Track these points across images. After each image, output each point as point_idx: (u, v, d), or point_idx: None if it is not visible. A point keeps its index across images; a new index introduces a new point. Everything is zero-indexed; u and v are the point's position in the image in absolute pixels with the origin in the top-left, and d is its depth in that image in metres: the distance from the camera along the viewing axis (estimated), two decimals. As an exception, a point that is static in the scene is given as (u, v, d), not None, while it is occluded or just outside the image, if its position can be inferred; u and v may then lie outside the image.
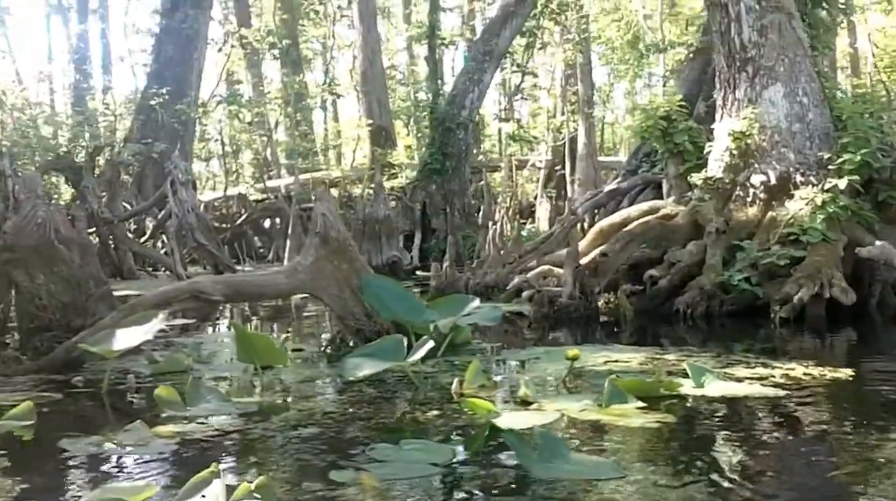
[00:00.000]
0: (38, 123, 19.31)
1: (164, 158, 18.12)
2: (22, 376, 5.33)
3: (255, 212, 20.82)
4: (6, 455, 3.58)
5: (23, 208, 6.09)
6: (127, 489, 2.85)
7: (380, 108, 32.44)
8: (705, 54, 12.25)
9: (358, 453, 3.41)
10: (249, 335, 4.83)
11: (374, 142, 30.76)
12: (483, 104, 23.74)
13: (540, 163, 33.76)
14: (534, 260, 9.60)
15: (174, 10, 21.84)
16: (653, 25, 27.75)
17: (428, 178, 18.33)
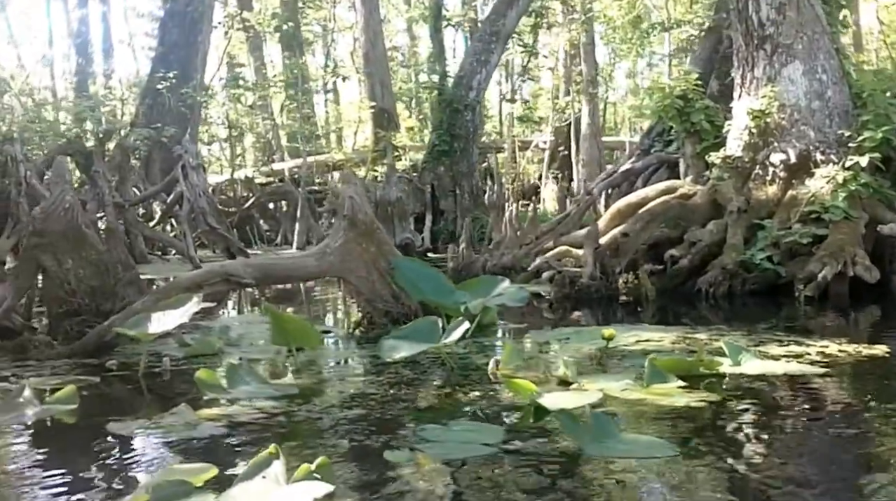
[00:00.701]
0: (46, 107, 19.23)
1: (172, 143, 18.11)
2: (55, 360, 5.36)
3: (263, 196, 20.79)
4: (57, 439, 3.62)
5: (51, 193, 6.09)
6: (188, 470, 2.87)
7: (382, 90, 32.28)
8: (717, 33, 12.22)
9: (407, 434, 3.44)
10: (284, 317, 4.84)
11: (377, 124, 30.66)
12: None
13: (543, 144, 33.75)
14: (550, 241, 9.61)
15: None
16: (658, 3, 27.59)
17: (436, 160, 18.31)
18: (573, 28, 25.28)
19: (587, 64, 28.13)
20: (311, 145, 34.13)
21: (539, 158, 33.69)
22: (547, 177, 28.15)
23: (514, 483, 2.84)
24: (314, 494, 2.69)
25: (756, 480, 2.82)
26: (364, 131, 34.00)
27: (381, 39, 34.06)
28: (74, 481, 3.01)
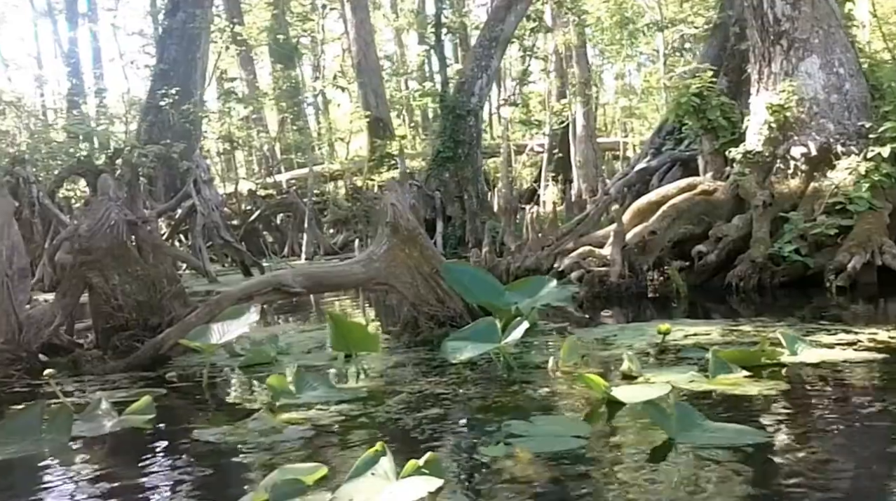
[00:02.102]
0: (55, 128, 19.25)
1: (177, 159, 18.17)
2: (111, 374, 5.43)
3: (268, 208, 20.84)
4: (151, 448, 3.68)
5: (95, 210, 6.16)
6: (300, 469, 2.95)
7: (376, 99, 32.51)
8: (723, 30, 12.40)
9: (493, 429, 3.51)
10: (346, 323, 4.92)
11: (373, 133, 30.83)
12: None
13: (539, 147, 33.91)
14: (570, 242, 9.71)
15: (176, 11, 21.80)
16: (650, 3, 27.83)
17: (441, 166, 18.39)
18: (566, 31, 25.48)
19: (580, 66, 28.35)
20: (306, 157, 34.27)
21: (532, 161, 33.91)
22: (547, 179, 28.31)
23: (617, 471, 2.93)
24: (426, 489, 2.78)
25: (852, 461, 2.92)
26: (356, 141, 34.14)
27: (374, 49, 34.26)
28: (186, 486, 3.09)
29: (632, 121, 41.83)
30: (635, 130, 41.14)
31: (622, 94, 37.12)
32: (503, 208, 13.75)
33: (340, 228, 23.54)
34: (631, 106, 37.49)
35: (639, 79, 39.61)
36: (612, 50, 33.12)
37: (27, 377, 5.39)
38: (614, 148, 34.07)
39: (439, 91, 20.54)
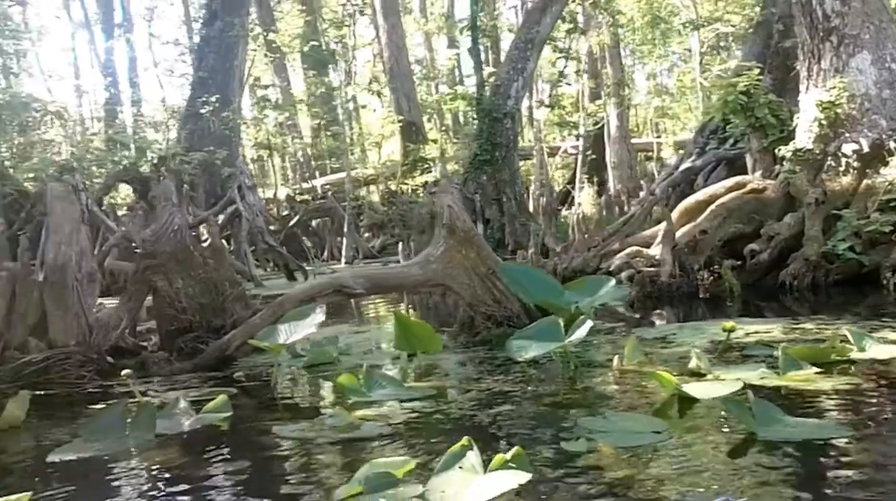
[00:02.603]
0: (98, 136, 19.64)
1: (218, 166, 18.42)
2: (178, 375, 5.55)
3: (307, 213, 21.03)
4: (232, 445, 3.77)
5: (159, 216, 6.31)
6: (390, 463, 3.02)
7: (408, 103, 32.67)
8: (766, 28, 12.33)
9: (570, 426, 3.56)
10: (411, 323, 5.00)
11: (406, 138, 30.99)
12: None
13: (573, 149, 33.85)
14: (616, 243, 9.72)
15: (213, 20, 22.06)
16: (685, 1, 27.69)
17: (478, 169, 18.44)
18: (599, 32, 25.45)
19: (613, 67, 28.28)
20: (340, 162, 34.53)
21: (563, 163, 33.84)
22: (583, 181, 28.25)
23: (702, 464, 2.97)
24: (516, 481, 2.83)
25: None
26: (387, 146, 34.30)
27: (405, 54, 34.44)
28: (276, 479, 3.17)
29: (664, 121, 41.69)
30: (668, 130, 40.98)
31: (655, 94, 37.01)
32: (543, 209, 13.76)
33: (377, 232, 23.69)
34: (664, 106, 37.35)
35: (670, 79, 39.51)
36: (643, 50, 33.05)
37: (98, 378, 5.53)
38: (647, 149, 33.91)
39: (475, 94, 20.60)
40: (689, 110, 38.32)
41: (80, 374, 5.48)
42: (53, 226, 5.81)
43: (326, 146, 32.92)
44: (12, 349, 5.63)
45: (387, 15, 32.65)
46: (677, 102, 36.81)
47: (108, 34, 36.04)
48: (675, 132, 39.68)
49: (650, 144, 34.66)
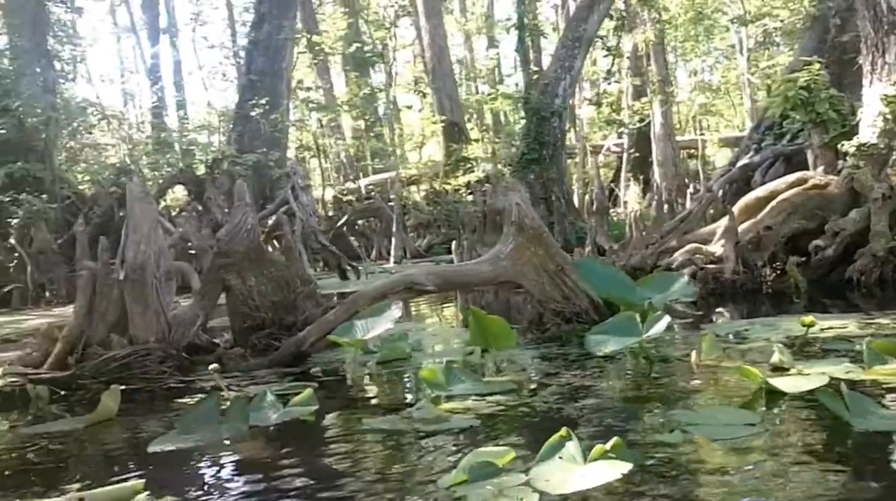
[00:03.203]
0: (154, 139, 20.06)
1: (267, 167, 18.70)
2: (255, 370, 5.67)
3: (354, 213, 21.23)
4: (324, 436, 3.87)
5: (233, 215, 6.46)
6: (491, 452, 3.08)
7: (451, 103, 32.77)
8: (823, 22, 12.18)
9: (660, 419, 3.59)
10: (487, 318, 5.06)
11: (448, 138, 31.10)
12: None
13: (616, 147, 33.66)
14: (674, 240, 9.68)
15: (262, 23, 22.39)
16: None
17: (525, 168, 18.44)
18: (646, 29, 25.28)
19: (657, 64, 28.08)
20: (384, 162, 34.76)
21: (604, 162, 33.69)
22: (629, 179, 28.13)
23: (801, 455, 2.98)
24: (618, 471, 2.88)
25: None
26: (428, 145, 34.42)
27: (447, 54, 34.57)
28: (375, 470, 3.25)
29: (707, 118, 41.28)
30: (711, 127, 40.57)
31: (699, 90, 36.68)
32: (595, 208, 13.74)
33: (423, 231, 23.84)
34: (707, 103, 36.99)
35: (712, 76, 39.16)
36: (686, 47, 32.75)
37: (177, 373, 5.68)
38: (691, 146, 33.64)
39: (521, 93, 20.62)
40: (731, 107, 37.95)
41: (160, 370, 5.63)
42: (133, 226, 5.98)
43: (370, 147, 33.19)
44: (94, 346, 5.80)
45: (429, 16, 32.81)
46: (720, 99, 36.45)
47: (153, 39, 36.77)
48: (717, 129, 39.32)
49: (694, 142, 34.37)
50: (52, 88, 17.23)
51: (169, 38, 38.05)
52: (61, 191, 16.87)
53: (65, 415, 4.89)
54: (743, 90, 34.92)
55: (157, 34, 37.37)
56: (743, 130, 34.67)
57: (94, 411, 4.48)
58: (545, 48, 31.13)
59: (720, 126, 40.51)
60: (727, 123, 40.40)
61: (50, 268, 15.03)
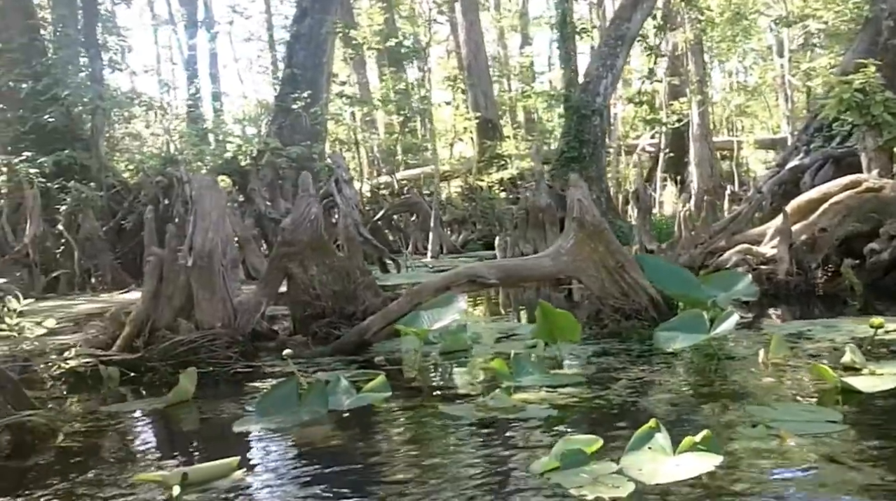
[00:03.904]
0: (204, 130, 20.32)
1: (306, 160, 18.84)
2: (318, 358, 5.77)
3: (392, 208, 21.33)
4: (403, 421, 3.95)
5: (297, 206, 6.57)
6: (580, 441, 3.14)
7: (485, 100, 32.79)
8: (875, 24, 12.06)
9: (738, 414, 3.63)
10: (555, 312, 5.11)
11: (482, 134, 31.13)
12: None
13: (651, 147, 33.48)
14: (722, 240, 9.66)
15: (303, 17, 22.56)
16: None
17: (565, 166, 18.43)
18: (685, 29, 25.14)
19: (696, 64, 27.92)
20: (417, 157, 34.86)
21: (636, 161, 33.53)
22: (664, 180, 27.99)
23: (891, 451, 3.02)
24: (710, 463, 2.93)
25: None
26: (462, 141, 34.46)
27: (483, 51, 34.57)
28: (462, 453, 3.32)
29: (741, 120, 40.95)
30: (745, 128, 40.25)
31: (736, 91, 36.41)
32: (639, 207, 13.71)
33: (457, 227, 23.88)
34: (742, 104, 36.71)
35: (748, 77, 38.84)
36: (722, 47, 32.48)
37: (242, 359, 5.79)
38: (725, 147, 33.42)
39: (562, 91, 20.61)
40: (766, 109, 37.62)
41: (226, 355, 5.74)
42: (201, 213, 6.10)
43: (404, 142, 33.31)
44: (162, 330, 5.93)
45: (466, 12, 32.83)
46: (754, 100, 36.16)
47: (191, 31, 37.11)
48: (751, 131, 39.02)
49: (729, 143, 34.14)
50: (99, 78, 17.48)
51: (206, 29, 38.43)
52: (106, 179, 17.13)
53: (137, 396, 5.02)
54: (779, 92, 34.64)
55: (195, 26, 37.71)
56: (778, 132, 34.41)
57: (173, 392, 4.60)
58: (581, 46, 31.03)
59: (754, 128, 40.21)
60: (762, 124, 40.09)
61: (96, 254, 15.25)
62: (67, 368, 5.49)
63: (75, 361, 5.52)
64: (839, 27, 22.64)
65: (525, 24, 42.84)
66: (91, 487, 3.16)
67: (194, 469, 3.10)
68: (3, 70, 17.67)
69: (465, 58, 33.19)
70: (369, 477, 3.10)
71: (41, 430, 3.93)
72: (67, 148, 17.05)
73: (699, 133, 28.00)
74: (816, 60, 26.37)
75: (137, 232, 15.88)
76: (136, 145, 21.36)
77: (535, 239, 12.98)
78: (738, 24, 28.21)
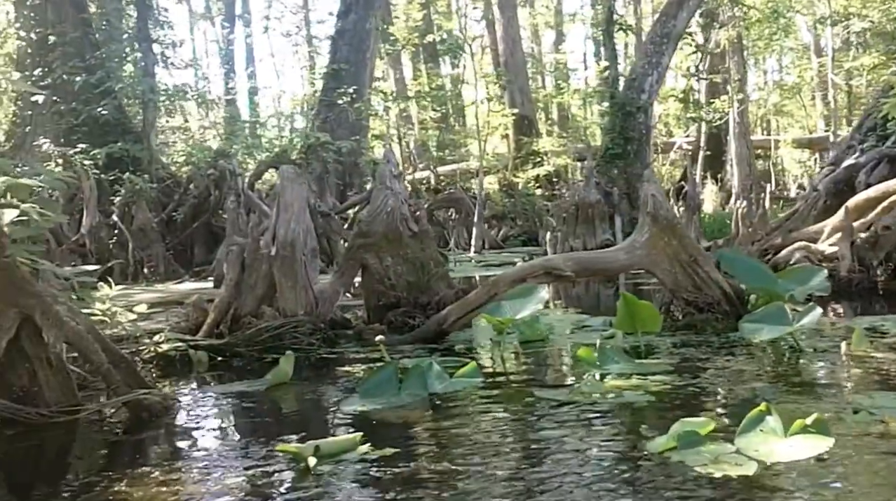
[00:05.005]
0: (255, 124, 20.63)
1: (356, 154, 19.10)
2: (398, 346, 5.93)
3: (435, 203, 21.49)
4: (502, 405, 4.10)
5: (375, 197, 6.75)
6: (696, 422, 3.26)
7: (522, 96, 32.86)
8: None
9: (836, 401, 3.74)
10: (638, 303, 5.24)
11: (518, 131, 31.22)
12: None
13: (687, 145, 33.35)
14: (779, 237, 9.73)
15: (348, 13, 22.80)
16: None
17: (609, 163, 18.53)
18: (728, 27, 25.04)
19: (736, 63, 27.79)
20: (455, 154, 35.01)
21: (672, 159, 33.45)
22: (703, 178, 27.88)
23: None
24: (822, 446, 3.04)
25: None
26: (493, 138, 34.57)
27: (520, 47, 34.64)
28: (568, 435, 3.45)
29: (777, 118, 40.67)
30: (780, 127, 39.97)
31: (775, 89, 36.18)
32: (687, 205, 13.77)
33: (497, 223, 23.98)
34: (779, 103, 36.48)
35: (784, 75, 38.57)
36: (759, 45, 32.25)
37: (325, 345, 5.98)
38: (762, 146, 33.26)
39: (606, 88, 20.70)
40: (801, 108, 37.34)
41: (309, 341, 5.93)
42: (284, 205, 6.29)
43: (438, 138, 33.49)
44: (247, 316, 6.13)
45: (504, 8, 32.91)
46: (790, 98, 35.91)
47: (228, 25, 37.51)
48: (786, 129, 38.76)
49: (766, 142, 33.96)
50: (151, 72, 17.84)
51: (243, 24, 38.85)
52: (157, 171, 17.48)
53: (229, 379, 5.20)
54: (816, 91, 34.34)
55: (233, 20, 38.10)
56: (814, 131, 34.16)
57: (272, 374, 4.79)
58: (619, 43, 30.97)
59: (789, 127, 39.95)
60: (798, 123, 39.81)
61: (149, 245, 15.56)
62: (159, 352, 5.70)
63: (167, 345, 5.74)
64: (885, 26, 22.43)
65: (560, 21, 42.83)
66: (223, 458, 3.34)
67: (324, 443, 3.26)
68: (57, 63, 18.11)
69: (501, 54, 33.27)
70: (485, 454, 3.24)
71: (157, 407, 4.13)
72: (119, 140, 17.42)
73: (738, 131, 27.90)
74: (859, 60, 26.16)
75: (188, 224, 16.24)
76: (183, 138, 21.72)
77: (585, 234, 13.11)
78: (776, 23, 28.03)
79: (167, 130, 24.10)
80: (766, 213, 10.49)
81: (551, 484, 2.81)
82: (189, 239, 16.27)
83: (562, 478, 2.88)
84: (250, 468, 3.16)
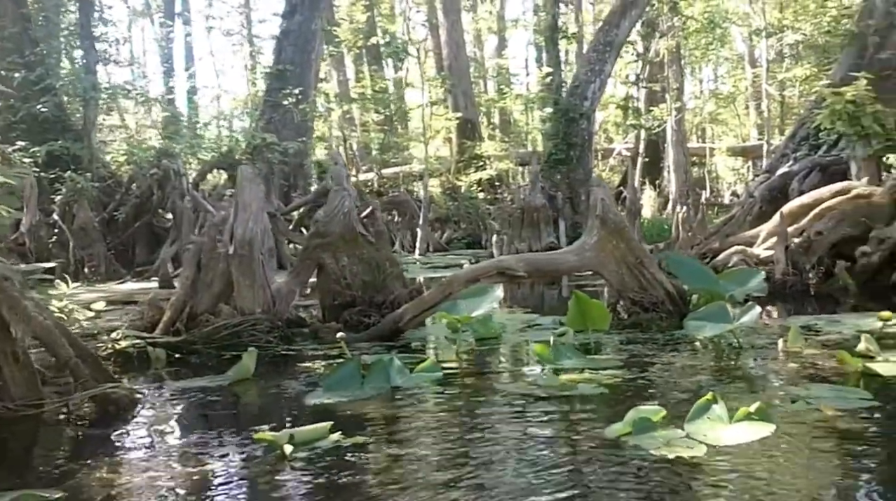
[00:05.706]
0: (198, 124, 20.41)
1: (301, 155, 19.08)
2: (354, 343, 6.06)
3: (381, 205, 21.58)
4: (466, 396, 4.26)
5: (331, 198, 6.85)
6: (647, 410, 3.48)
7: (465, 100, 33.15)
8: (861, 39, 12.61)
9: (775, 393, 4.01)
10: (589, 301, 5.46)
11: (461, 134, 31.50)
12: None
13: (626, 151, 34.08)
14: (717, 242, 10.14)
15: (293, 13, 22.72)
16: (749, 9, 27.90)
17: (552, 168, 18.84)
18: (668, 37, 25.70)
19: (674, 71, 28.53)
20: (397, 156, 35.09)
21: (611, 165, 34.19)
22: (642, 184, 28.55)
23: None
24: (765, 431, 3.30)
25: None
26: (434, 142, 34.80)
27: (464, 51, 34.92)
28: (528, 422, 3.64)
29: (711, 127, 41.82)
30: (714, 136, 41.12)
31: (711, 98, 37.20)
32: (628, 209, 14.15)
33: (440, 226, 24.19)
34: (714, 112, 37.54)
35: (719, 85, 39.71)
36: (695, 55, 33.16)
37: (282, 343, 6.07)
38: (698, 153, 34.17)
39: (546, 94, 21.05)
40: (736, 116, 38.52)
41: (267, 339, 6.02)
42: (242, 204, 6.36)
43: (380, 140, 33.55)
44: (204, 314, 6.18)
45: (447, 12, 33.15)
46: (725, 107, 36.99)
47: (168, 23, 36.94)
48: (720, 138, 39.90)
49: (701, 149, 34.91)
50: (92, 69, 17.56)
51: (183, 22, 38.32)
52: (98, 170, 17.20)
53: (190, 375, 5.25)
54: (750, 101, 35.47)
55: (173, 18, 37.53)
56: (747, 139, 35.28)
57: (233, 369, 4.87)
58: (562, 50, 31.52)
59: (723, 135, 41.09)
60: (732, 131, 40.98)
61: (90, 244, 15.30)
62: (118, 349, 5.72)
63: (125, 341, 5.76)
64: (817, 39, 23.30)
65: (502, 26, 43.33)
66: (199, 447, 3.44)
67: (298, 431, 3.39)
68: (-6, 59, 17.68)
69: (445, 58, 33.48)
70: (453, 440, 3.41)
71: (124, 401, 4.19)
72: (59, 138, 17.08)
73: (676, 139, 28.63)
74: (792, 71, 27.12)
75: (130, 224, 16.03)
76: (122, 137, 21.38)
77: (530, 237, 13.39)
78: (712, 33, 28.86)
79: (105, 128, 23.69)
80: (704, 218, 10.90)
81: (514, 467, 2.99)
82: (131, 239, 16.04)
83: (524, 462, 3.06)
84: (227, 455, 3.27)
